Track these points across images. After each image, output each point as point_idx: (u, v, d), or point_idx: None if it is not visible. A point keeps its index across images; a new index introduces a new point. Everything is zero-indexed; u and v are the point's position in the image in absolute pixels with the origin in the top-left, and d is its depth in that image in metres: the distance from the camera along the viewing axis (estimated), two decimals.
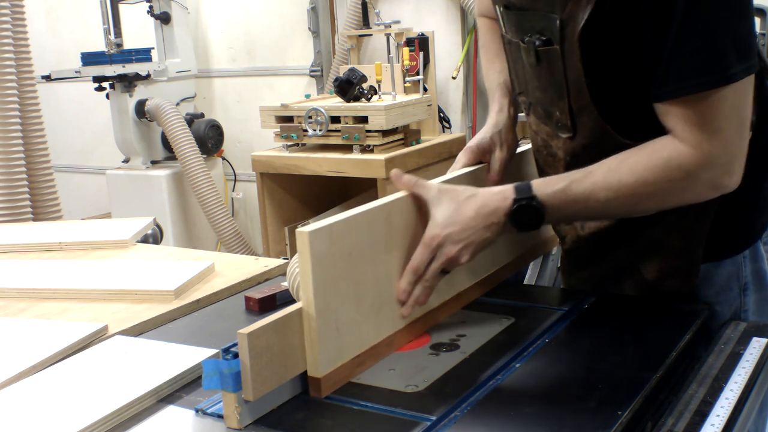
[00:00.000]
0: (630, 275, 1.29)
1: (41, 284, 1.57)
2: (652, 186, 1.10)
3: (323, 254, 0.99)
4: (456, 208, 1.13)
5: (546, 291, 1.51)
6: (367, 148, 3.23)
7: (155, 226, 2.05)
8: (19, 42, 3.33)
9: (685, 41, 1.05)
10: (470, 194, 1.15)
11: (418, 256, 1.13)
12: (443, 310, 1.23)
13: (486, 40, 1.55)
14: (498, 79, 1.45)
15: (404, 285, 1.13)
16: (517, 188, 1.14)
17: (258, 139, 4.24)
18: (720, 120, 1.07)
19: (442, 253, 1.12)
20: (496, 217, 1.13)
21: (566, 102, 1.20)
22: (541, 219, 1.14)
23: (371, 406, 0.98)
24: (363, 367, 1.06)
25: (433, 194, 1.15)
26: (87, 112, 4.82)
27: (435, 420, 0.92)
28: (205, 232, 4.09)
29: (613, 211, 1.18)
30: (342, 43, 3.90)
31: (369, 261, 1.07)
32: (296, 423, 0.95)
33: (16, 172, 3.27)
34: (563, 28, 1.15)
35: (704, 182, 1.10)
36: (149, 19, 4.19)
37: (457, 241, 1.12)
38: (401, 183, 1.16)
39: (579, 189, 1.12)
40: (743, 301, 1.27)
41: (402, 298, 1.13)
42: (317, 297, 0.98)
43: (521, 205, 1.13)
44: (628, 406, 0.92)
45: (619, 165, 1.12)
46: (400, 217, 1.14)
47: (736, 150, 1.10)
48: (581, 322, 1.22)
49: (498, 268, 1.37)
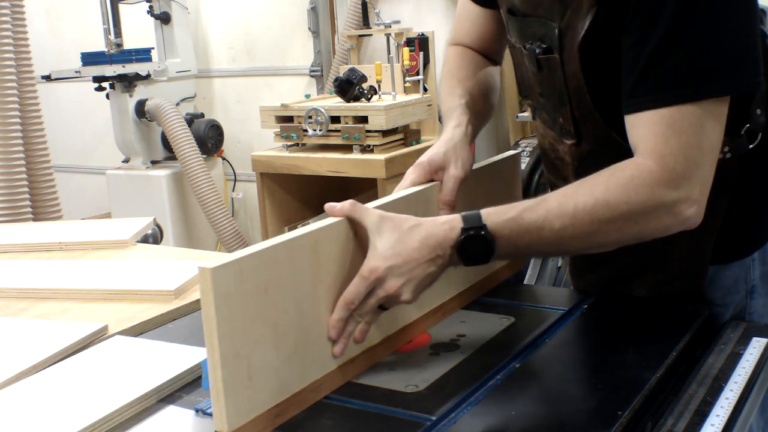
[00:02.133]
0: (638, 277, 1.28)
1: (41, 284, 1.57)
2: (612, 209, 1.01)
3: (231, 294, 0.87)
4: (398, 239, 1.02)
5: (546, 291, 1.51)
6: (367, 148, 3.23)
7: (155, 226, 2.05)
8: (19, 42, 3.33)
9: (668, 51, 1.01)
10: (413, 224, 1.03)
11: (353, 289, 1.01)
12: (385, 346, 1.12)
13: (452, 67, 1.44)
14: (458, 101, 1.33)
15: (334, 320, 1.02)
16: (465, 218, 1.04)
17: (258, 139, 4.24)
18: (689, 135, 1.01)
19: (382, 288, 1.01)
20: (441, 249, 1.02)
21: (568, 109, 1.19)
22: (490, 251, 1.03)
23: (371, 406, 0.98)
24: (284, 416, 0.95)
25: (374, 221, 1.03)
26: (87, 112, 4.81)
27: (435, 420, 0.92)
28: (205, 232, 4.09)
29: (569, 242, 1.04)
30: (342, 43, 3.90)
31: (291, 298, 0.95)
32: (296, 423, 0.95)
33: (16, 172, 3.27)
34: (562, 36, 1.14)
35: (667, 207, 1.02)
36: (149, 19, 4.19)
37: (399, 275, 1.01)
38: (337, 212, 1.04)
39: (532, 217, 1.02)
40: (749, 303, 1.26)
41: (331, 335, 1.02)
42: (223, 343, 0.86)
43: (469, 235, 1.02)
44: (628, 406, 0.92)
45: (577, 189, 1.04)
46: (330, 246, 1.01)
47: (702, 175, 1.02)
48: (581, 322, 1.22)
49: (449, 298, 1.25)
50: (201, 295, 0.85)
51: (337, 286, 1.03)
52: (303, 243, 0.97)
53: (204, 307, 0.85)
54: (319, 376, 1.00)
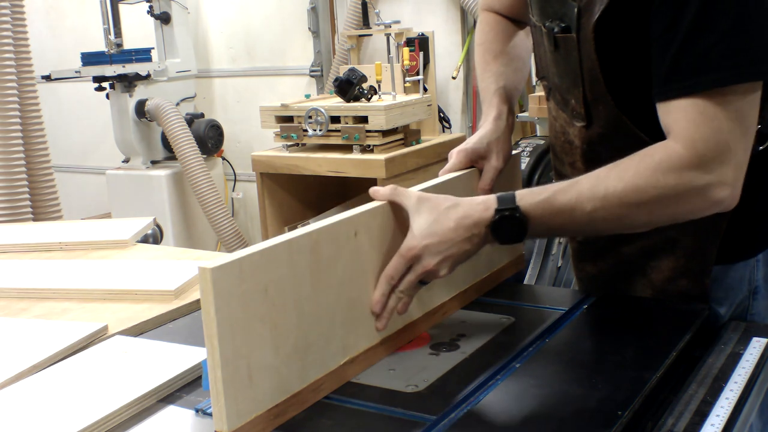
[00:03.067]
0: (641, 274, 1.28)
1: (41, 284, 1.57)
2: (642, 193, 1.03)
3: (231, 293, 0.87)
4: (436, 219, 1.07)
5: (546, 291, 1.51)
6: (367, 148, 3.23)
7: (155, 226, 2.05)
8: (19, 42, 3.33)
9: (698, 37, 1.02)
10: (451, 204, 1.09)
11: (393, 265, 1.07)
12: (386, 346, 1.12)
13: (486, 38, 1.48)
14: (496, 83, 1.39)
15: (378, 295, 1.07)
16: (500, 198, 1.08)
17: (258, 139, 4.24)
18: (721, 120, 1.02)
19: (420, 265, 1.07)
20: (477, 228, 1.07)
21: (581, 91, 1.20)
22: (524, 231, 1.07)
23: (371, 406, 0.98)
24: (284, 417, 0.94)
25: (413, 203, 1.08)
26: (87, 112, 4.81)
27: (435, 420, 0.92)
28: (205, 232, 4.09)
29: (601, 225, 1.09)
30: (342, 43, 3.90)
31: (291, 298, 0.95)
32: (296, 423, 0.95)
33: (16, 172, 3.27)
34: (580, 16, 1.15)
35: (698, 191, 1.03)
36: (149, 19, 4.19)
37: (436, 253, 1.06)
38: (379, 195, 1.10)
39: (563, 199, 1.06)
40: (751, 304, 1.26)
41: (375, 310, 1.08)
42: (224, 343, 0.85)
43: (504, 215, 1.06)
44: (628, 406, 0.91)
45: (608, 173, 1.06)
46: (330, 247, 1.01)
47: (736, 158, 1.03)
48: (581, 322, 1.22)
49: (449, 298, 1.26)
50: (201, 295, 0.85)
51: (380, 265, 1.08)
52: (303, 243, 0.97)
53: (204, 307, 0.85)
54: (319, 376, 1.00)
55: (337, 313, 1.02)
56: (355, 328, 1.06)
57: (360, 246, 1.06)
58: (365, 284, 1.07)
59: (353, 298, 1.05)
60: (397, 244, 1.08)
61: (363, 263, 1.06)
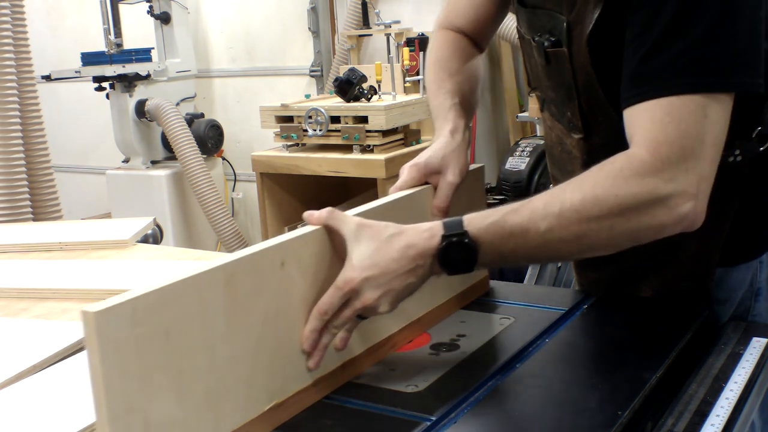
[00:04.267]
0: (644, 278, 1.27)
1: (41, 284, 1.57)
2: (602, 203, 0.95)
3: (121, 340, 0.75)
4: (377, 248, 0.96)
5: (546, 291, 1.51)
6: (367, 148, 3.23)
7: (155, 226, 2.05)
8: (19, 42, 3.33)
9: (670, 42, 0.98)
10: (394, 232, 0.98)
11: (327, 300, 0.96)
12: (328, 382, 1.01)
13: (442, 55, 1.38)
14: (452, 99, 1.29)
15: (308, 331, 0.96)
16: (446, 224, 0.98)
17: (258, 139, 4.24)
18: (689, 124, 0.95)
19: (359, 299, 0.96)
20: (422, 258, 0.97)
21: (576, 104, 1.19)
22: (473, 258, 0.97)
23: (371, 406, 0.98)
24: None
25: (351, 229, 0.97)
26: (87, 112, 4.81)
27: (435, 420, 0.92)
28: (205, 232, 4.09)
29: (556, 246, 0.98)
30: (342, 43, 3.90)
31: (200, 340, 0.84)
32: (296, 423, 0.95)
33: (16, 172, 3.27)
34: (570, 30, 1.13)
35: (661, 201, 0.95)
36: (149, 19, 4.19)
37: (377, 286, 0.96)
38: (314, 219, 0.99)
39: (515, 220, 0.97)
40: (753, 305, 1.26)
41: (304, 347, 0.96)
42: (112, 396, 0.75)
43: (451, 242, 0.97)
44: (628, 406, 0.91)
45: (565, 187, 0.99)
46: (250, 280, 0.89)
47: (701, 168, 0.96)
48: (581, 322, 1.22)
49: (423, 313, 1.17)
50: (86, 342, 0.74)
51: (312, 298, 0.96)
52: (215, 278, 0.85)
53: (89, 354, 0.74)
54: (238, 426, 0.88)
55: (260, 353, 0.91)
56: (283, 369, 0.95)
57: (288, 277, 0.95)
58: (295, 320, 0.96)
59: (280, 336, 0.94)
60: (333, 274, 0.97)
61: (292, 297, 0.95)
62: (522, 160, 3.20)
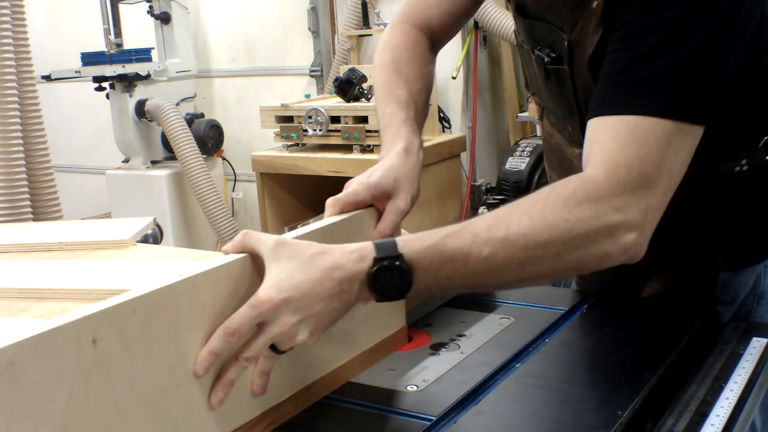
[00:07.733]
0: (647, 284, 1.27)
1: (41, 284, 1.57)
2: (551, 228, 0.89)
3: None
4: (298, 268, 0.85)
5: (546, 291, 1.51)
6: (367, 148, 3.23)
7: (155, 226, 2.05)
8: (19, 42, 3.32)
9: (646, 61, 0.95)
10: (317, 251, 0.87)
11: (238, 318, 0.82)
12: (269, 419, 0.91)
13: (399, 56, 1.28)
14: (406, 111, 1.20)
15: (205, 351, 0.81)
16: (378, 246, 0.88)
17: (258, 139, 4.24)
18: (651, 148, 0.91)
19: (275, 324, 0.83)
20: (348, 282, 0.87)
21: (578, 120, 1.18)
22: (407, 284, 0.88)
23: (371, 406, 0.98)
24: None
25: (269, 248, 0.86)
26: (87, 112, 4.81)
27: (435, 420, 0.92)
28: (205, 232, 4.09)
29: (498, 273, 0.91)
30: (342, 43, 3.90)
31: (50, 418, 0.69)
32: (295, 423, 0.95)
33: (16, 172, 3.26)
34: (572, 50, 1.12)
35: (609, 230, 0.90)
36: (149, 19, 4.19)
37: (296, 310, 0.84)
38: (229, 249, 0.89)
39: (455, 244, 0.88)
40: (755, 308, 1.26)
41: (197, 370, 0.81)
42: None
43: (383, 266, 0.87)
44: (628, 406, 0.92)
45: (511, 209, 0.92)
46: (115, 334, 0.73)
47: (653, 199, 0.92)
48: (581, 322, 1.22)
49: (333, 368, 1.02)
50: None
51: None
52: (81, 330, 0.70)
53: None
54: None
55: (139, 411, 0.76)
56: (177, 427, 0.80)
57: (186, 317, 0.80)
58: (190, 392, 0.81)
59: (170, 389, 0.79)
60: None
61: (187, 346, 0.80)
62: (522, 160, 3.21)
